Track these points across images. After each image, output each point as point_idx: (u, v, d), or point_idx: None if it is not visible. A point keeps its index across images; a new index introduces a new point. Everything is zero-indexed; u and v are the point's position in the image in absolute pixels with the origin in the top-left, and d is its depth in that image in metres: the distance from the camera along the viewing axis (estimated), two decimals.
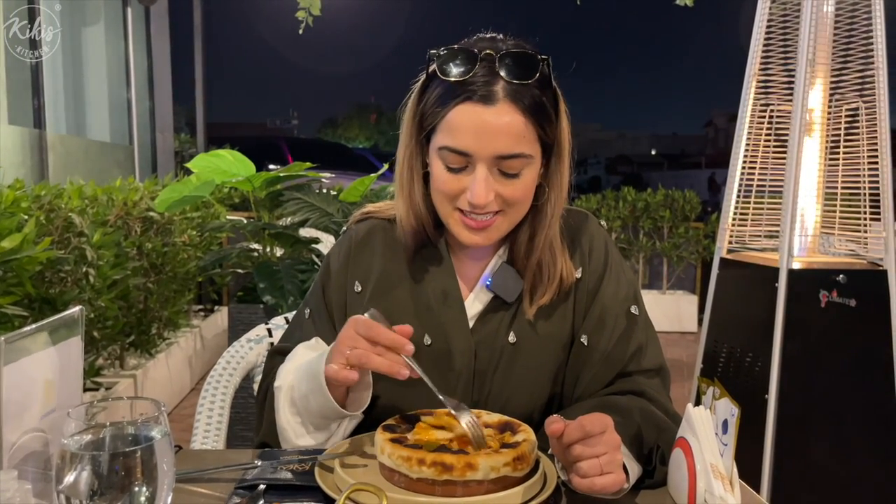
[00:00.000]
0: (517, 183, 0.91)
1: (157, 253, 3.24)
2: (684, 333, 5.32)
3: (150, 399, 0.60)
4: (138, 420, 0.59)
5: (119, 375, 3.10)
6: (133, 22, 5.53)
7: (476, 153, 0.88)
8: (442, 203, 0.94)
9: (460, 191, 0.91)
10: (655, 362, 0.99)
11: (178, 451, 0.91)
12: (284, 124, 49.86)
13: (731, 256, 2.31)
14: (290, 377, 0.93)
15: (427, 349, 0.98)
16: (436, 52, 0.90)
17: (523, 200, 0.93)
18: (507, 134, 0.87)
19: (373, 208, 1.08)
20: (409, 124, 0.95)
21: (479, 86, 0.87)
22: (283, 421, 0.92)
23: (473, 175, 0.89)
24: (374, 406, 1.00)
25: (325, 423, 0.91)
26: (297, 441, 0.91)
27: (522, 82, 0.87)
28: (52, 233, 2.31)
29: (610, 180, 32.07)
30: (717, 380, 0.60)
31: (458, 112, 0.88)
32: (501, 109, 0.87)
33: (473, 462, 0.74)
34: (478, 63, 0.87)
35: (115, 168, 4.99)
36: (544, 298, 0.97)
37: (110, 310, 2.48)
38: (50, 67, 4.35)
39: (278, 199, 2.61)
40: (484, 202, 0.89)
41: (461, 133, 0.88)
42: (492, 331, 0.98)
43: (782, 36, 2.21)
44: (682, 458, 0.79)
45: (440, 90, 0.90)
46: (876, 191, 2.08)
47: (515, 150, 0.88)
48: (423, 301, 0.99)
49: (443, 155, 0.91)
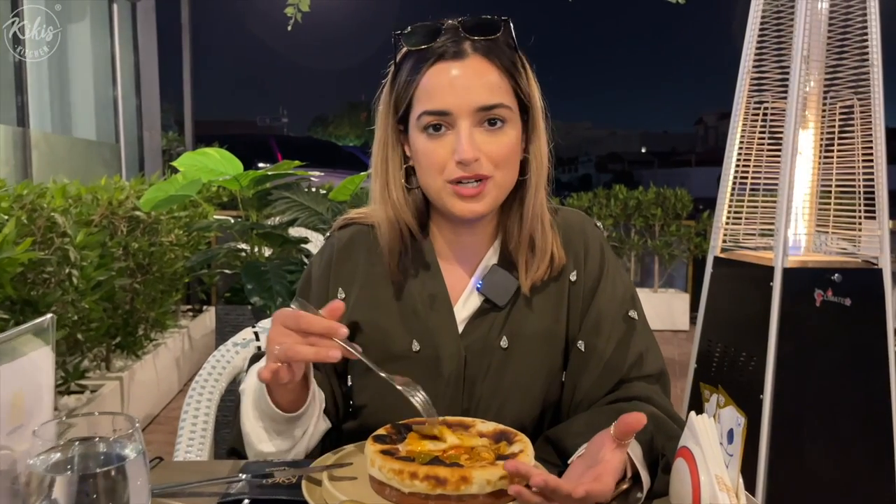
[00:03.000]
0: (501, 138, 0.89)
1: (143, 253, 3.19)
2: (676, 332, 5.31)
3: (124, 414, 0.56)
4: (111, 437, 0.55)
5: (105, 378, 3.05)
6: (119, 19, 5.44)
7: (455, 109, 0.87)
8: (432, 179, 0.90)
9: (447, 157, 0.88)
10: (656, 367, 0.96)
11: (158, 462, 0.87)
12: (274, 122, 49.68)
13: (725, 255, 2.29)
14: (253, 379, 0.90)
15: (415, 356, 0.94)
16: (400, 32, 0.90)
17: (510, 160, 0.90)
18: (483, 85, 0.87)
19: (355, 214, 1.04)
20: (383, 113, 0.94)
21: (447, 46, 0.88)
22: (246, 426, 0.88)
23: (457, 133, 0.87)
24: (360, 414, 0.96)
25: (287, 428, 0.87)
26: (260, 447, 0.88)
27: (489, 37, 0.88)
28: (34, 233, 2.26)
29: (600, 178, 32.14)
30: (721, 387, 0.59)
31: (431, 73, 0.88)
32: (473, 62, 0.88)
33: (468, 475, 0.71)
34: (443, 31, 0.89)
35: (101, 167, 4.92)
36: (539, 272, 0.95)
37: (94, 311, 2.43)
38: (34, 64, 4.27)
39: (266, 198, 2.56)
40: (471, 155, 0.86)
41: (437, 92, 0.87)
42: (482, 335, 0.95)
43: (776, 32, 2.19)
44: (685, 469, 0.76)
45: (411, 62, 0.90)
46: (871, 188, 2.06)
47: (494, 100, 0.88)
48: (410, 306, 0.95)
49: (423, 122, 0.89)
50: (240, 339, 1.29)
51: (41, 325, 0.62)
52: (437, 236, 0.98)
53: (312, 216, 2.36)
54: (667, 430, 0.84)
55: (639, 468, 0.77)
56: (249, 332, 1.30)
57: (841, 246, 2.14)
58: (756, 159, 2.21)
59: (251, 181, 2.58)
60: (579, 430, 0.84)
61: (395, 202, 0.94)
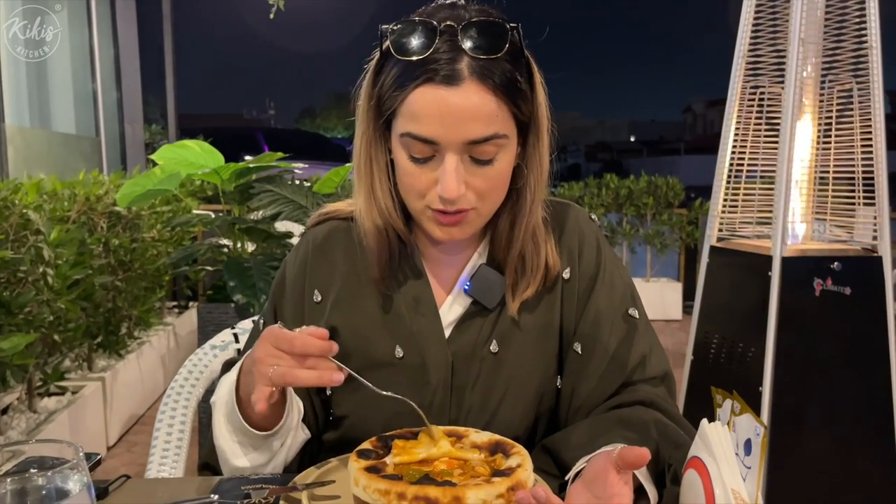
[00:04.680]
0: (490, 171, 0.79)
1: (124, 249, 3.10)
2: (669, 321, 5.28)
3: (66, 442, 0.49)
4: (50, 470, 0.48)
5: (87, 378, 2.96)
6: (98, 9, 5.31)
7: (443, 140, 0.77)
8: (412, 201, 0.83)
9: (429, 185, 0.80)
10: (661, 369, 0.89)
11: (124, 481, 0.80)
12: (261, 115, 49.31)
13: (721, 244, 2.23)
14: (224, 391, 0.83)
15: (399, 362, 0.87)
16: (388, 28, 0.78)
17: (497, 190, 0.82)
18: (477, 117, 0.76)
19: (332, 208, 0.96)
20: (364, 109, 0.83)
21: (441, 64, 0.75)
22: (220, 441, 0.82)
23: (443, 166, 0.78)
24: (341, 425, 0.89)
25: (263, 443, 0.81)
26: (235, 462, 0.81)
27: (490, 57, 0.76)
28: (6, 231, 2.17)
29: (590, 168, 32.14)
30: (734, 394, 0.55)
31: (419, 95, 0.76)
32: (468, 90, 0.75)
33: (461, 495, 0.64)
34: (437, 37, 0.76)
35: (80, 161, 4.80)
36: (528, 291, 0.87)
37: (71, 311, 2.34)
38: (10, 57, 4.15)
39: (248, 191, 2.48)
40: (456, 195, 0.78)
41: (424, 119, 0.76)
42: (471, 340, 0.87)
43: (771, 15, 2.12)
44: (697, 481, 0.70)
45: (397, 70, 0.78)
46: (870, 174, 2.01)
47: (488, 133, 0.77)
48: (393, 309, 0.88)
49: (406, 143, 0.79)
50: (218, 342, 1.21)
51: None
52: (423, 240, 0.91)
53: (297, 210, 2.28)
54: (673, 438, 0.78)
55: (643, 482, 0.71)
56: (229, 334, 1.23)
57: (839, 234, 2.09)
58: (752, 146, 2.15)
59: (232, 174, 2.50)
60: (580, 441, 0.78)
61: (382, 209, 0.85)
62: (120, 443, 3.01)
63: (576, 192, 5.53)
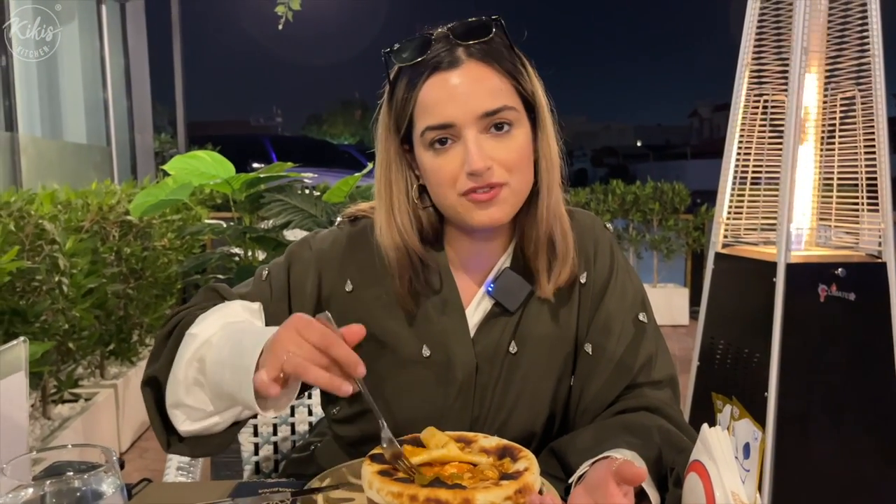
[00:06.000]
0: (511, 142, 0.85)
1: (136, 258, 3.14)
2: (676, 327, 5.29)
3: (101, 446, 0.52)
4: (86, 473, 0.51)
5: (99, 385, 3.00)
6: (108, 20, 5.38)
7: (458, 119, 0.83)
8: (445, 194, 0.86)
9: (457, 169, 0.84)
10: (666, 373, 0.92)
11: (146, 485, 0.83)
12: (268, 121, 49.55)
13: (726, 251, 2.25)
14: (212, 331, 0.81)
15: (425, 361, 0.90)
16: (389, 50, 0.86)
17: (522, 164, 0.86)
18: (483, 90, 0.84)
19: (366, 207, 0.98)
20: (384, 135, 0.89)
21: (442, 55, 0.84)
22: (179, 373, 0.79)
23: (465, 145, 0.83)
24: (358, 421, 0.93)
25: (227, 404, 0.79)
26: (184, 398, 0.79)
27: (481, 40, 0.85)
28: (22, 241, 2.21)
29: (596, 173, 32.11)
30: (735, 398, 0.56)
31: (428, 86, 0.84)
32: (470, 68, 0.84)
33: (471, 498, 0.67)
34: (433, 42, 0.85)
35: (91, 170, 4.86)
36: (563, 276, 0.91)
37: (85, 319, 2.38)
38: (22, 67, 4.22)
39: (259, 201, 2.51)
40: (482, 165, 0.82)
41: (438, 105, 0.84)
42: (493, 341, 0.91)
43: (775, 24, 2.15)
44: (698, 484, 0.72)
45: (406, 79, 0.86)
46: (873, 180, 2.03)
47: (497, 104, 0.84)
48: (420, 310, 0.91)
49: (427, 138, 0.85)
50: None
51: (12, 351, 0.58)
52: (451, 247, 0.94)
53: (307, 219, 2.31)
54: (676, 443, 0.81)
55: (644, 486, 0.74)
56: None
57: (844, 239, 2.11)
58: (756, 152, 2.17)
59: (243, 184, 2.54)
60: (585, 445, 0.81)
61: (400, 227, 0.89)
62: (132, 449, 3.05)
63: (582, 198, 5.55)
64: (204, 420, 0.79)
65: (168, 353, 0.83)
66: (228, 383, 0.75)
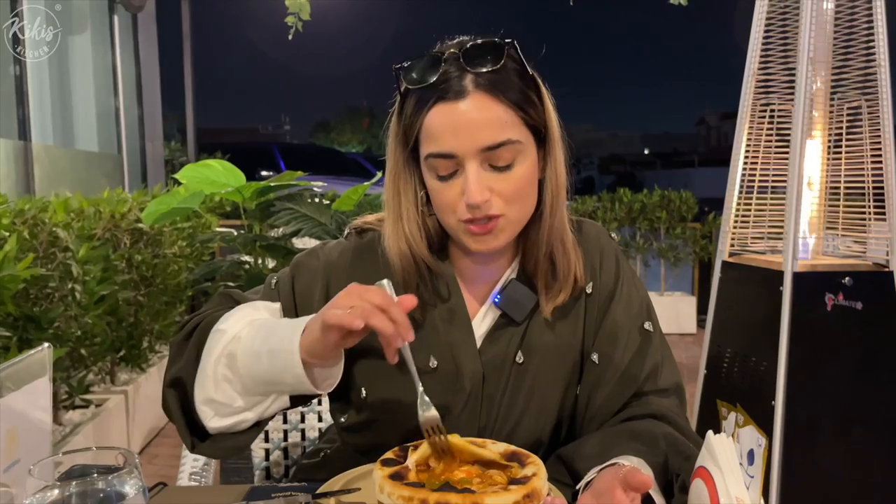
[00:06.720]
0: (510, 176, 0.85)
1: (146, 265, 3.17)
2: (683, 335, 5.28)
3: (123, 449, 0.54)
4: (110, 475, 0.53)
5: (110, 391, 3.03)
6: (120, 29, 5.45)
7: (460, 151, 0.84)
8: (447, 216, 0.89)
9: (457, 198, 0.86)
10: (672, 381, 0.93)
11: (161, 489, 0.85)
12: (277, 129, 49.80)
13: (733, 259, 2.26)
14: (240, 326, 0.83)
15: (432, 372, 0.92)
16: (400, 66, 0.87)
17: (522, 195, 0.87)
18: (487, 124, 0.83)
19: (373, 219, 1.01)
20: (393, 145, 0.91)
21: (449, 84, 0.84)
22: (209, 369, 0.81)
23: (465, 177, 0.84)
24: (370, 429, 0.94)
25: (262, 393, 0.81)
26: (213, 394, 0.81)
27: (491, 69, 0.84)
28: (36, 249, 2.25)
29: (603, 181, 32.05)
30: (740, 405, 0.57)
31: (433, 115, 0.85)
32: (475, 100, 0.83)
33: (480, 502, 0.68)
34: (443, 63, 0.84)
35: (103, 178, 4.91)
36: (561, 297, 0.92)
37: (97, 326, 2.41)
38: (35, 77, 4.27)
39: (269, 209, 2.54)
40: (479, 199, 0.83)
41: (440, 135, 0.84)
42: (500, 351, 0.92)
43: (782, 33, 2.16)
44: (703, 490, 0.74)
45: (414, 99, 0.87)
46: (880, 189, 2.04)
47: (500, 139, 0.84)
48: (427, 321, 0.93)
49: (431, 164, 0.86)
50: None
51: (36, 357, 0.60)
52: (457, 257, 0.96)
53: (316, 227, 2.34)
54: (682, 450, 0.82)
55: (651, 492, 0.75)
56: None
57: (851, 248, 2.11)
58: (763, 162, 2.18)
59: (254, 192, 2.56)
60: (592, 451, 0.82)
61: (408, 235, 0.91)
62: (142, 455, 3.07)
63: (589, 206, 5.56)
64: (232, 416, 0.82)
65: (191, 352, 0.85)
66: (267, 370, 0.79)
